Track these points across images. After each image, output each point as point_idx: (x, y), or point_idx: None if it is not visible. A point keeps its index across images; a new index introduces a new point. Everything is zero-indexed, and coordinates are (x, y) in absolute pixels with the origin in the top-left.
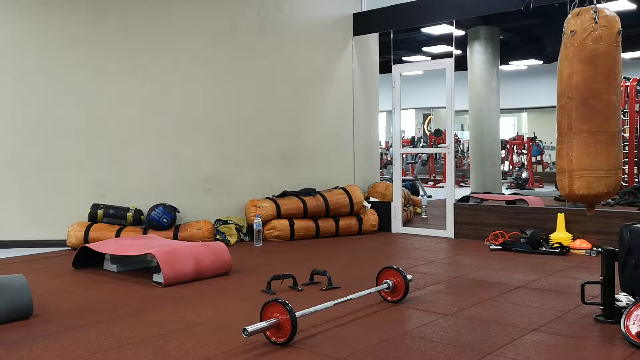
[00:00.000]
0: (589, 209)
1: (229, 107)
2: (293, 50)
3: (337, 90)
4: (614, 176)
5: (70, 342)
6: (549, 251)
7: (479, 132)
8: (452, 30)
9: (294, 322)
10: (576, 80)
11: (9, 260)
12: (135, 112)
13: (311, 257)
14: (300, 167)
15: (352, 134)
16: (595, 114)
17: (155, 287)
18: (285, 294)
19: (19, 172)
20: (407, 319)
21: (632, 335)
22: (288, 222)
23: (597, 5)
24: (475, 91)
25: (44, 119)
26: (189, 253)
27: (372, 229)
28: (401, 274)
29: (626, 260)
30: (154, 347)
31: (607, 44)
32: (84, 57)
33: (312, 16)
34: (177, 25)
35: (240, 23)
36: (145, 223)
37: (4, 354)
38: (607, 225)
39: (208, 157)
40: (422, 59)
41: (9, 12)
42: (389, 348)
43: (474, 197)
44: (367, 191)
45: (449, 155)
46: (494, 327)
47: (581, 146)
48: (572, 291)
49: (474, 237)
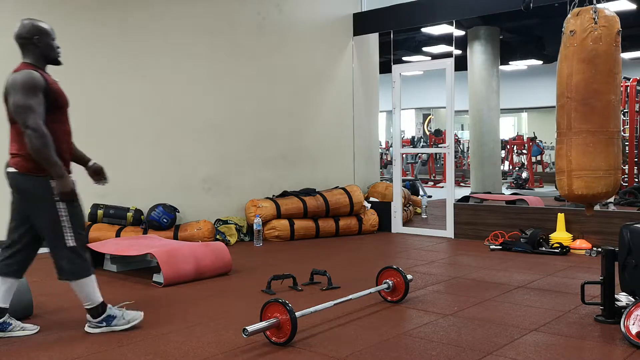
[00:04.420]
0: (588, 209)
1: (229, 107)
2: (293, 50)
3: (337, 90)
4: (613, 176)
5: (70, 342)
6: (549, 251)
7: (479, 132)
8: (452, 30)
9: (294, 322)
10: (576, 80)
11: None
12: (135, 112)
13: (311, 257)
14: (300, 167)
15: (352, 134)
16: (595, 114)
17: (155, 287)
18: (285, 294)
19: None
20: (407, 319)
21: (632, 335)
22: (288, 222)
23: (597, 5)
24: (475, 91)
25: None
26: (189, 253)
27: (372, 229)
28: (401, 274)
29: (626, 260)
30: (154, 347)
31: (607, 44)
32: (83, 57)
33: (312, 16)
34: (177, 25)
35: (240, 23)
36: (145, 223)
37: (4, 354)
38: (607, 225)
39: (208, 157)
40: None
41: (9, 12)
42: (389, 348)
43: (474, 197)
44: (367, 191)
45: (449, 155)
46: (494, 327)
47: (580, 146)
48: (572, 291)
49: (474, 237)
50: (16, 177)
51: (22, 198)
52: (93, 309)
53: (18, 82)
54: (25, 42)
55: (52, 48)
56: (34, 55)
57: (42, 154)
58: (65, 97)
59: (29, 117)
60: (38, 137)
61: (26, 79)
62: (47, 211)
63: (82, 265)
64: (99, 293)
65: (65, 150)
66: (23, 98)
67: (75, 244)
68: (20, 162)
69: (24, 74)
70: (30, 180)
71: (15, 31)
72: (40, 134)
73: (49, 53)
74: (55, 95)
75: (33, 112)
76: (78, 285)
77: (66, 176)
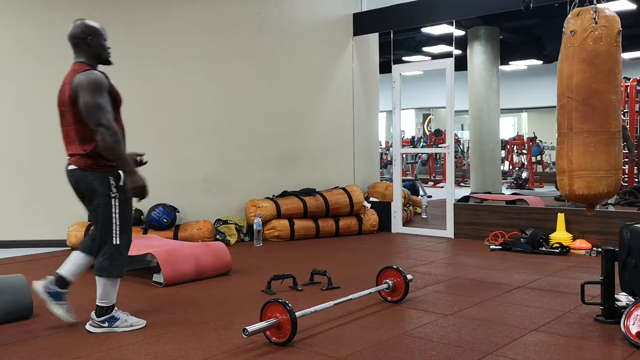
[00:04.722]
0: (589, 209)
1: (229, 107)
2: (293, 50)
3: (337, 90)
4: (614, 176)
5: (70, 342)
6: (549, 251)
7: (479, 132)
8: (452, 30)
9: (294, 322)
10: (576, 80)
11: (9, 260)
12: (135, 112)
13: (311, 257)
14: (300, 167)
15: (352, 134)
16: (596, 114)
17: (155, 287)
18: (285, 294)
19: (19, 172)
20: (407, 319)
21: (632, 335)
22: (288, 222)
23: (597, 5)
24: (475, 91)
25: (43, 119)
26: (189, 253)
27: (372, 229)
28: (401, 274)
29: (626, 260)
30: (154, 347)
31: (607, 44)
32: None
33: (312, 16)
34: (177, 24)
35: (240, 23)
36: (145, 223)
37: (4, 354)
38: (607, 225)
39: (208, 157)
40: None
41: (9, 11)
42: (389, 348)
43: (474, 197)
44: (367, 191)
45: (449, 155)
46: (494, 327)
47: (581, 146)
48: (572, 291)
49: (474, 237)
50: (77, 173)
51: (82, 193)
52: (103, 308)
53: (85, 82)
54: (79, 42)
55: (104, 48)
56: (87, 54)
57: (115, 151)
58: (120, 96)
59: (102, 116)
60: (111, 135)
61: (93, 78)
62: (102, 207)
63: (119, 266)
64: (116, 295)
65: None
66: (93, 97)
67: (120, 242)
68: (80, 159)
69: (89, 75)
70: (91, 176)
71: (69, 31)
72: (113, 132)
73: (101, 53)
74: (114, 95)
75: (105, 111)
76: (107, 283)
77: (136, 172)
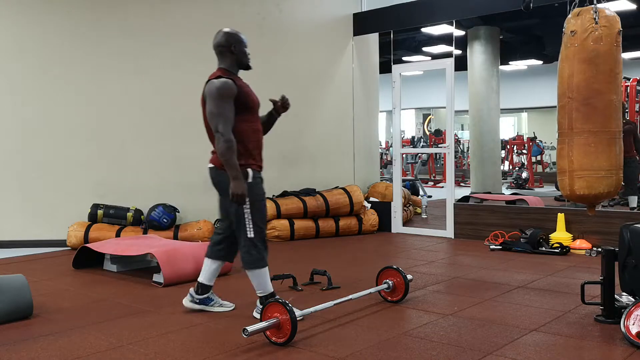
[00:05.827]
0: (590, 209)
1: None
2: (293, 51)
3: (337, 90)
4: (615, 176)
5: (70, 342)
6: (549, 251)
7: (479, 132)
8: (452, 30)
9: (294, 322)
10: (577, 81)
11: (9, 260)
12: (135, 112)
13: (311, 257)
14: (300, 167)
15: (352, 134)
16: (596, 114)
17: (155, 287)
18: (285, 294)
19: (19, 172)
20: (407, 319)
21: (632, 335)
22: (288, 222)
23: (598, 5)
24: (475, 91)
25: (44, 118)
26: (189, 253)
27: (372, 229)
28: (401, 274)
29: (626, 260)
30: (154, 347)
31: (608, 44)
32: (84, 57)
33: (312, 16)
34: (177, 24)
35: (240, 23)
36: (145, 223)
37: (4, 354)
38: (607, 225)
39: (208, 156)
40: (422, 59)
41: (9, 11)
42: (389, 348)
43: (474, 197)
44: (367, 191)
45: (449, 155)
46: (494, 327)
47: (582, 146)
48: (572, 291)
49: (474, 237)
50: (213, 171)
51: (219, 190)
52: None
53: (213, 90)
54: (223, 50)
55: (245, 55)
56: (230, 61)
57: (225, 156)
58: (255, 98)
59: (220, 123)
60: (224, 142)
61: (220, 87)
62: (234, 205)
63: (257, 257)
64: (270, 284)
65: (254, 147)
66: (216, 106)
67: (254, 235)
68: (217, 159)
69: (219, 83)
70: (225, 175)
71: (215, 40)
72: (226, 139)
73: (242, 59)
74: (245, 98)
75: (224, 119)
76: (252, 274)
77: (240, 179)
